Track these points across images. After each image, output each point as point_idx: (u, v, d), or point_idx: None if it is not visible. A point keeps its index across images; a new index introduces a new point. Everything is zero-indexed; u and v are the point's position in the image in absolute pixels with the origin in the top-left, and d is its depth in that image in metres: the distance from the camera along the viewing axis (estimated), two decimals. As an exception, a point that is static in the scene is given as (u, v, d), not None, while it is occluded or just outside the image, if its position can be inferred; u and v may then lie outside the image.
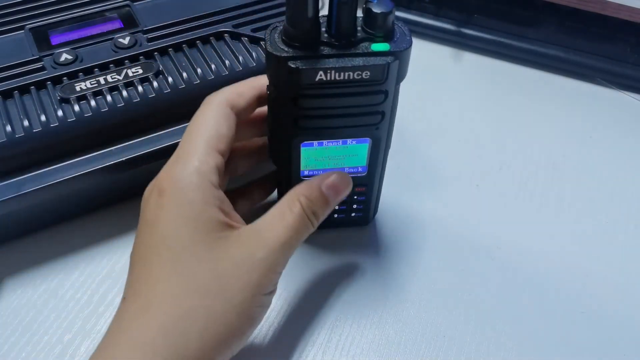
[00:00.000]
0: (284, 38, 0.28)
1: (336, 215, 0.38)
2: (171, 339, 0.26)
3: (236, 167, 0.36)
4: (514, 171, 0.44)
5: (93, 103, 0.36)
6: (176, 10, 0.43)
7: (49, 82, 0.37)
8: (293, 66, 0.28)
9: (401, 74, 0.30)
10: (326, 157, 0.33)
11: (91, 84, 0.37)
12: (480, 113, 0.49)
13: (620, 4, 0.48)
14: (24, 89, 0.37)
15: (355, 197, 0.36)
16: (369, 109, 0.30)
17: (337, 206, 0.34)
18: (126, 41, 0.40)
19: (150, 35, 0.41)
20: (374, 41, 0.29)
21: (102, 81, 0.38)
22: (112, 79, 0.38)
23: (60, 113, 0.36)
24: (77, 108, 0.36)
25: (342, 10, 0.28)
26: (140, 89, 0.37)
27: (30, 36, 0.40)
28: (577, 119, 0.48)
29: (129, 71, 0.38)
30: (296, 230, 0.30)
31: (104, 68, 0.38)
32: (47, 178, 0.35)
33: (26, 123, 0.35)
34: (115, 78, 0.38)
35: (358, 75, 0.28)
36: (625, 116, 0.49)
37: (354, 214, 0.38)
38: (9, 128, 0.35)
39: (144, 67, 0.39)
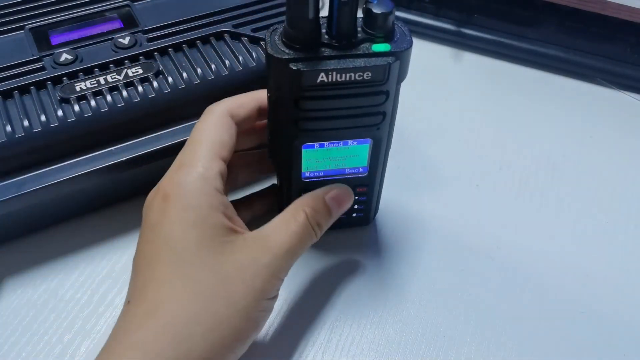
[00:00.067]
0: (284, 40, 0.28)
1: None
2: (177, 342, 0.26)
3: (236, 178, 0.36)
4: (514, 171, 0.44)
5: (93, 103, 0.36)
6: (176, 10, 0.43)
7: (49, 82, 0.37)
8: (294, 68, 0.27)
9: (402, 74, 0.30)
10: (327, 158, 0.33)
11: (91, 84, 0.37)
12: (480, 113, 0.49)
13: (620, 4, 0.48)
14: (24, 89, 0.37)
15: (357, 197, 0.36)
16: (370, 109, 0.30)
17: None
18: (126, 41, 0.40)
19: (150, 35, 0.41)
20: (374, 42, 0.28)
21: (102, 81, 0.38)
22: (112, 79, 0.38)
23: (60, 113, 0.36)
24: (77, 108, 0.36)
25: (343, 11, 0.27)
26: (140, 89, 0.37)
27: (30, 36, 0.40)
28: (577, 119, 0.48)
29: (129, 71, 0.38)
30: (300, 238, 0.30)
31: (104, 68, 0.38)
32: (47, 178, 0.35)
33: (26, 123, 0.35)
34: (115, 78, 0.38)
35: (359, 76, 0.28)
36: (625, 116, 0.49)
37: (355, 214, 0.38)
38: (9, 128, 0.35)
39: (144, 67, 0.39)
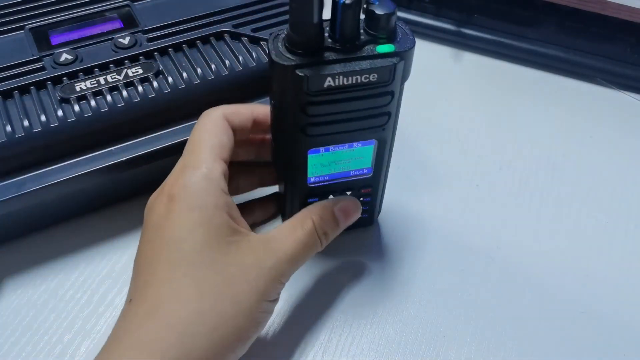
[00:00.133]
0: (287, 45, 0.28)
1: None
2: (181, 340, 0.26)
3: (237, 186, 0.36)
4: (514, 171, 0.44)
5: (93, 103, 0.36)
6: (176, 10, 0.43)
7: (49, 82, 0.37)
8: (301, 74, 0.27)
9: (406, 74, 0.30)
10: (333, 162, 0.33)
11: (91, 84, 0.37)
12: (481, 113, 0.49)
13: (620, 4, 0.48)
14: (24, 89, 0.37)
15: (362, 199, 0.36)
16: (376, 110, 0.30)
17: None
18: (126, 41, 0.40)
19: (150, 35, 0.41)
20: (377, 43, 0.28)
21: (102, 81, 0.38)
22: (112, 79, 0.38)
23: (60, 113, 0.36)
24: (77, 108, 0.36)
25: (347, 14, 0.27)
26: (140, 89, 0.37)
27: (30, 36, 0.40)
28: (577, 119, 0.48)
29: (129, 71, 0.38)
30: (305, 246, 0.30)
31: (104, 68, 0.38)
32: (47, 178, 0.35)
33: (26, 123, 0.35)
34: (115, 78, 0.38)
35: (365, 78, 0.28)
36: (625, 116, 0.49)
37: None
38: (9, 128, 0.35)
39: (144, 67, 0.39)
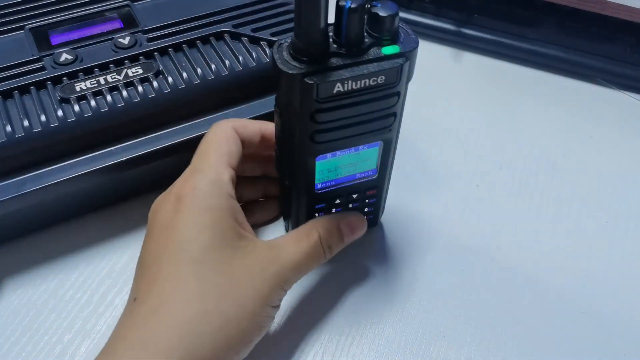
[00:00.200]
0: (292, 53, 0.28)
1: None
2: (186, 340, 0.26)
3: (241, 195, 0.37)
4: (514, 171, 0.44)
5: (93, 103, 0.36)
6: (176, 10, 0.43)
7: (49, 82, 0.37)
8: (310, 82, 0.27)
9: (410, 74, 0.30)
10: (339, 166, 0.33)
11: (91, 84, 0.37)
12: (480, 113, 0.49)
13: (620, 4, 0.48)
14: (24, 89, 0.37)
15: (367, 200, 0.36)
16: (383, 112, 0.30)
17: (350, 208, 0.36)
18: (126, 41, 0.40)
19: (150, 35, 0.41)
20: (382, 45, 0.28)
21: (102, 81, 0.37)
22: (112, 79, 0.38)
23: (60, 113, 0.36)
24: (77, 108, 0.36)
25: (352, 18, 0.27)
26: (140, 89, 0.37)
27: (30, 36, 0.40)
28: (577, 119, 0.48)
29: (129, 71, 0.38)
30: (308, 257, 0.31)
31: (104, 68, 0.38)
32: (47, 178, 0.35)
33: (26, 123, 0.35)
34: (115, 78, 0.38)
35: (373, 81, 0.28)
36: (625, 116, 0.49)
37: (365, 217, 0.37)
38: (9, 128, 0.35)
39: (144, 67, 0.39)
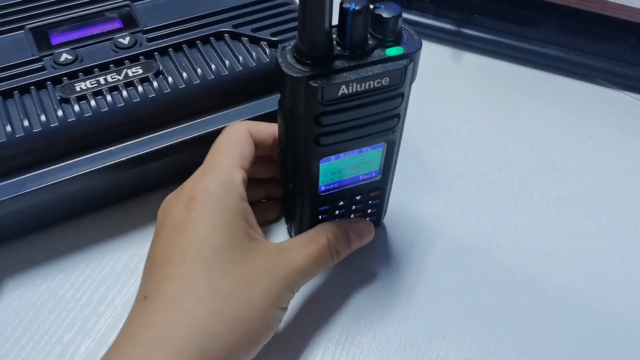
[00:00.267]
0: (295, 55, 0.28)
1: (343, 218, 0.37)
2: (197, 339, 0.27)
3: (249, 195, 0.36)
4: (514, 171, 0.44)
5: (93, 103, 0.36)
6: (176, 10, 0.43)
7: (49, 82, 0.37)
8: (315, 85, 0.27)
9: (414, 75, 0.30)
10: (343, 168, 0.33)
11: (91, 84, 0.37)
12: (480, 113, 0.49)
13: (620, 4, 0.48)
14: (24, 89, 0.37)
15: (370, 202, 0.36)
16: (386, 114, 0.30)
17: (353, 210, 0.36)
18: (126, 41, 0.40)
19: (150, 35, 0.41)
20: (385, 46, 0.28)
21: (102, 81, 0.37)
22: (112, 79, 0.38)
23: (60, 113, 0.36)
24: (77, 108, 0.36)
25: (356, 20, 0.27)
26: (140, 89, 0.37)
27: (30, 36, 0.40)
28: (577, 119, 0.48)
29: (129, 71, 0.38)
30: (316, 260, 0.31)
31: (104, 68, 0.38)
32: (47, 178, 0.35)
33: (26, 123, 0.35)
34: (115, 78, 0.38)
35: (378, 82, 0.28)
36: (625, 116, 0.49)
37: (368, 218, 0.37)
38: (9, 128, 0.35)
39: (144, 67, 0.39)
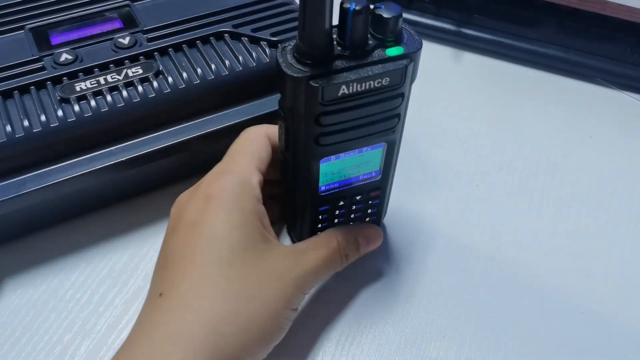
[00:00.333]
0: (296, 55, 0.28)
1: (352, 223, 0.37)
2: (213, 338, 0.27)
3: None
4: (514, 171, 0.44)
5: (93, 103, 0.36)
6: (176, 10, 0.43)
7: (49, 82, 0.37)
8: (316, 85, 0.27)
9: (414, 75, 0.30)
10: (343, 168, 0.33)
11: (91, 84, 0.37)
12: (480, 113, 0.49)
13: (620, 4, 0.48)
14: (24, 89, 0.37)
15: (370, 202, 0.36)
16: (387, 113, 0.30)
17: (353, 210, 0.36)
18: (126, 41, 0.40)
19: (150, 35, 0.41)
20: (386, 46, 0.28)
21: (102, 81, 0.37)
22: (112, 79, 0.38)
23: (60, 113, 0.36)
24: (77, 108, 0.36)
25: (357, 20, 0.27)
26: (140, 89, 0.37)
27: (30, 36, 0.40)
28: (577, 119, 0.48)
29: (129, 71, 0.38)
30: (327, 263, 0.32)
31: (104, 68, 0.38)
32: (48, 178, 0.35)
33: (26, 123, 0.35)
34: (115, 78, 0.38)
35: (378, 82, 0.28)
36: (625, 116, 0.49)
37: (368, 218, 0.37)
38: (9, 128, 0.35)
39: (144, 67, 0.39)
